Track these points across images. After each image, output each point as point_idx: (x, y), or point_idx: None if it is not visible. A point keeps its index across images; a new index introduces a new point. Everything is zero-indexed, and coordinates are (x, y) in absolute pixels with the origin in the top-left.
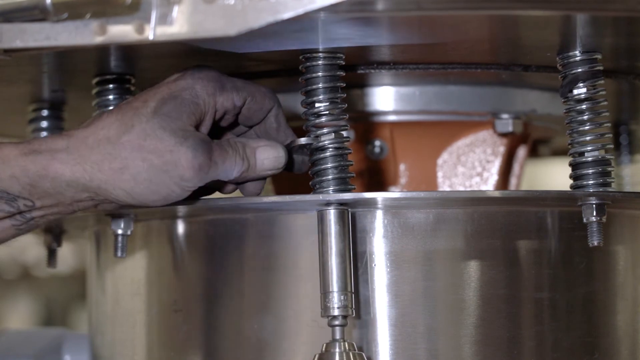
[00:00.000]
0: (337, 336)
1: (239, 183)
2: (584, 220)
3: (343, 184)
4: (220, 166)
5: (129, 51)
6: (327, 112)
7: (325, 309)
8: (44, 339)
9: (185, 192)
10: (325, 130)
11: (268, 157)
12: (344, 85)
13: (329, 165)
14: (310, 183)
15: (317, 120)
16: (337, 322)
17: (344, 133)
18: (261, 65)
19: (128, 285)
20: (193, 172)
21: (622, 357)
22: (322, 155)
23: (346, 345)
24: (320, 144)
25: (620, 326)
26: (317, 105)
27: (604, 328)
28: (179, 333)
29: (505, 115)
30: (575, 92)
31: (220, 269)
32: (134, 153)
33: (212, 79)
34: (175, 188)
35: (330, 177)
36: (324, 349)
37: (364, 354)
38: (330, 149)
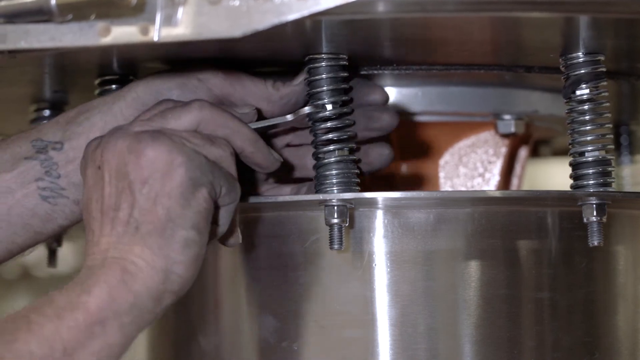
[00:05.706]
0: None
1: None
2: (584, 220)
3: (346, 185)
4: None
5: (132, 52)
6: (332, 115)
7: None
8: None
9: None
10: (331, 136)
11: None
12: (348, 87)
13: (333, 167)
14: (315, 188)
15: (323, 125)
16: None
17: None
18: (264, 66)
19: None
20: None
21: (622, 357)
22: (326, 160)
23: None
24: (326, 148)
25: (620, 326)
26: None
27: (604, 328)
28: (179, 333)
29: (507, 116)
30: (578, 93)
31: (221, 269)
32: None
33: None
34: None
35: (334, 179)
36: None
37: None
38: (336, 154)
